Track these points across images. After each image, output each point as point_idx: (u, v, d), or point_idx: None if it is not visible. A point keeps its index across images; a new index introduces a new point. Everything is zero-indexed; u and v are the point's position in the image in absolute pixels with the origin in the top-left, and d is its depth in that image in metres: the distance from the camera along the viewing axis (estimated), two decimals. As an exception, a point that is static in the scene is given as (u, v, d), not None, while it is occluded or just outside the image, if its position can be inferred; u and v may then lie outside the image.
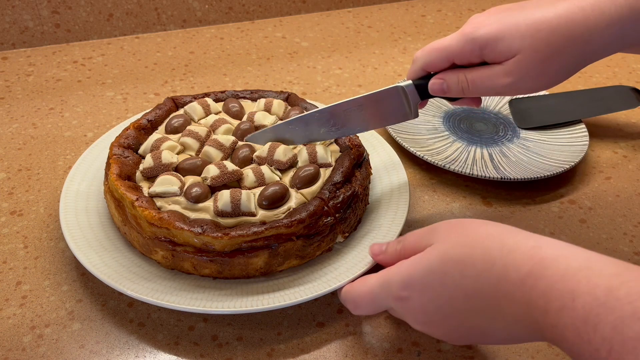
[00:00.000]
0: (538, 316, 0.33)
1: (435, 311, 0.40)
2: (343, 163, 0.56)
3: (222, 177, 0.53)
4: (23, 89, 0.81)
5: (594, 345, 0.29)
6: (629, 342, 0.28)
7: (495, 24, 0.48)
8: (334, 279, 0.50)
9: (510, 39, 0.47)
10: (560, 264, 0.33)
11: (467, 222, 0.42)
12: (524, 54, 0.47)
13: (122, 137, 0.58)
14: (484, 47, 0.48)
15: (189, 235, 0.48)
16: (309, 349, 0.48)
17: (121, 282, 0.48)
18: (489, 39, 0.48)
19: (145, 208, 0.50)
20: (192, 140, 0.58)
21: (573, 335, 0.30)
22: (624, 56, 0.95)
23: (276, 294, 0.49)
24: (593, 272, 0.31)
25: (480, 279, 0.37)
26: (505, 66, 0.48)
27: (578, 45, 0.47)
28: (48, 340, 0.48)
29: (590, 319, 0.30)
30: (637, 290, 0.29)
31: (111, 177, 0.53)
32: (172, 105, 0.64)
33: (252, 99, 0.67)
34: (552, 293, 0.32)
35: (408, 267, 0.42)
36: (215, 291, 0.49)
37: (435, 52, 0.51)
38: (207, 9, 0.98)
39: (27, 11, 0.87)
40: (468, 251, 0.38)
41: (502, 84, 0.49)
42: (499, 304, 0.36)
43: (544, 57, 0.47)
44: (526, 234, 0.38)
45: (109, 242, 0.53)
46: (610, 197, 0.66)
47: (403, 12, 1.09)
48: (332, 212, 0.52)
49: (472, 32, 0.48)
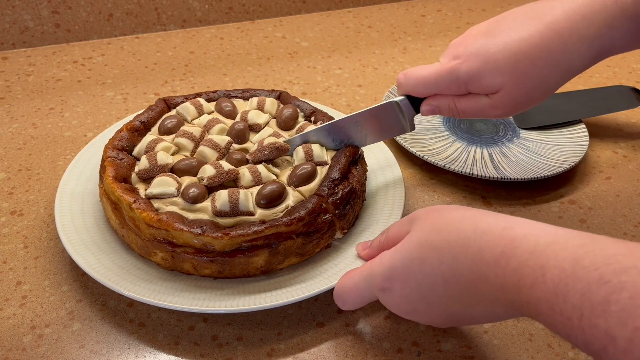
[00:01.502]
0: (512, 294, 0.34)
1: (419, 299, 0.41)
2: (339, 160, 0.56)
3: (218, 177, 0.53)
4: (23, 89, 0.81)
5: (566, 315, 0.30)
6: (597, 307, 0.28)
7: (474, 60, 0.49)
8: (335, 275, 0.50)
9: (491, 76, 0.49)
10: (529, 242, 0.34)
11: (443, 208, 0.43)
12: (506, 89, 0.49)
13: (116, 139, 0.58)
14: (468, 83, 0.50)
15: (189, 236, 0.48)
16: (309, 348, 0.48)
17: (121, 285, 0.48)
18: (471, 76, 0.49)
19: (143, 210, 0.49)
20: (187, 140, 0.58)
21: (546, 308, 0.31)
22: (624, 56, 0.95)
23: (278, 291, 0.49)
24: (560, 245, 0.32)
25: (457, 262, 0.38)
26: (492, 100, 0.50)
27: (558, 70, 0.49)
28: (48, 340, 0.48)
29: (559, 290, 0.30)
30: (601, 258, 0.30)
31: (107, 179, 0.53)
32: (164, 106, 0.64)
33: (244, 98, 0.67)
34: (524, 270, 0.33)
35: (389, 258, 0.43)
36: (216, 291, 0.49)
37: (421, 84, 0.52)
38: (207, 9, 0.98)
39: (27, 11, 0.87)
40: (444, 236, 0.39)
41: (492, 114, 0.51)
42: (477, 285, 0.37)
43: (526, 89, 0.49)
44: (499, 215, 0.39)
45: (107, 244, 0.53)
46: (610, 197, 0.66)
47: (403, 12, 1.09)
48: (330, 209, 0.52)
49: (454, 69, 0.50)
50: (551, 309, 0.31)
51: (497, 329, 0.50)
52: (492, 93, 0.50)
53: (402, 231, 0.44)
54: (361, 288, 0.45)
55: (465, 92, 0.51)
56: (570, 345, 0.49)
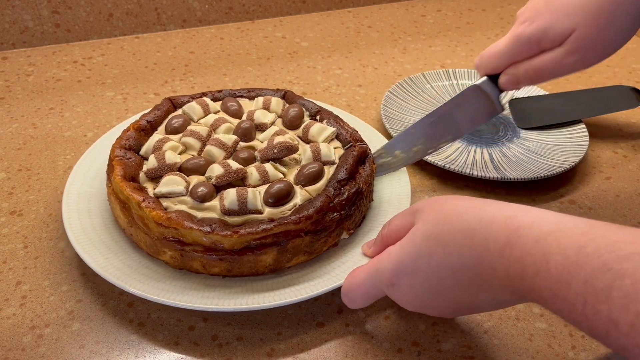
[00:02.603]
0: (517, 282, 0.35)
1: (428, 292, 0.41)
2: (347, 160, 0.56)
3: (226, 176, 0.53)
4: (23, 89, 0.81)
5: (570, 301, 0.31)
6: (600, 294, 0.29)
7: (541, 17, 0.49)
8: (343, 274, 0.50)
9: (562, 21, 0.48)
10: (533, 230, 0.34)
11: (445, 199, 0.43)
12: (579, 29, 0.48)
13: (123, 139, 0.58)
14: (539, 41, 0.50)
15: (198, 235, 0.48)
16: (309, 348, 0.48)
17: (130, 283, 0.48)
18: (540, 32, 0.49)
19: (152, 209, 0.50)
20: (194, 140, 0.58)
21: (550, 295, 0.32)
22: (624, 56, 0.95)
23: (287, 289, 0.49)
24: (563, 233, 0.33)
25: (463, 253, 0.38)
26: (566, 46, 0.49)
27: (630, 4, 0.48)
28: (48, 340, 0.48)
29: (563, 277, 0.31)
30: (604, 245, 0.30)
31: (116, 178, 0.53)
32: (170, 105, 0.64)
33: (250, 98, 0.67)
34: (528, 259, 0.33)
35: (396, 255, 0.42)
36: (225, 289, 0.49)
37: (496, 58, 0.53)
38: (207, 9, 0.98)
39: (27, 11, 0.87)
40: (448, 228, 0.39)
41: (569, 62, 0.50)
42: (483, 275, 0.37)
43: (600, 26, 0.48)
44: (501, 204, 0.39)
45: (115, 243, 0.53)
46: (610, 197, 0.66)
47: (403, 12, 1.09)
48: (337, 208, 0.52)
49: (524, 31, 0.50)
50: (555, 296, 0.31)
51: (497, 329, 0.50)
52: (566, 39, 0.49)
53: (405, 224, 0.44)
54: (368, 285, 0.45)
55: (538, 51, 0.51)
56: (570, 345, 0.49)
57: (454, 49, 0.97)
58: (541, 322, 0.51)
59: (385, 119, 0.73)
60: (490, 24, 1.06)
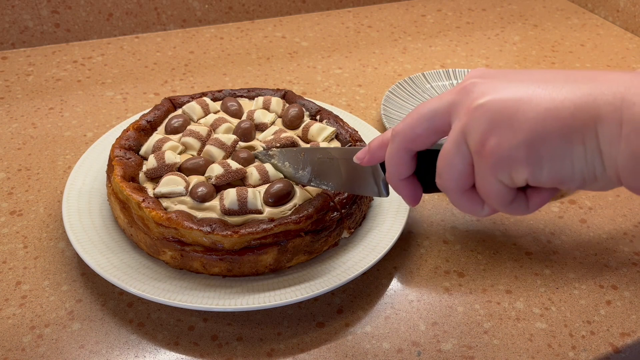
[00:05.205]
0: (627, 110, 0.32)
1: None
2: None
3: (226, 176, 0.53)
4: (23, 89, 0.81)
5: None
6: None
7: None
8: (343, 274, 0.50)
9: None
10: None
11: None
12: None
13: (123, 139, 0.58)
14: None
15: (198, 235, 0.48)
16: (309, 348, 0.48)
17: (131, 283, 0.48)
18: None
19: (152, 209, 0.50)
20: (194, 140, 0.58)
21: None
22: (624, 56, 0.95)
23: (288, 289, 0.49)
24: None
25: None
26: None
27: None
28: (48, 340, 0.48)
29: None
30: None
31: (115, 179, 0.53)
32: (170, 105, 0.64)
33: (250, 97, 0.67)
34: None
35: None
36: (225, 289, 0.49)
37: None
38: (207, 8, 0.98)
39: (26, 11, 0.87)
40: None
41: None
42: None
43: None
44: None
45: (115, 243, 0.53)
46: (610, 197, 0.66)
47: (403, 12, 1.09)
48: (338, 207, 0.52)
49: None
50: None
51: (497, 329, 0.50)
52: None
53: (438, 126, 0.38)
54: (457, 143, 0.36)
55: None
56: (571, 345, 0.49)
57: (454, 49, 0.97)
58: (541, 322, 0.51)
59: (385, 118, 0.73)
60: (490, 24, 1.06)
